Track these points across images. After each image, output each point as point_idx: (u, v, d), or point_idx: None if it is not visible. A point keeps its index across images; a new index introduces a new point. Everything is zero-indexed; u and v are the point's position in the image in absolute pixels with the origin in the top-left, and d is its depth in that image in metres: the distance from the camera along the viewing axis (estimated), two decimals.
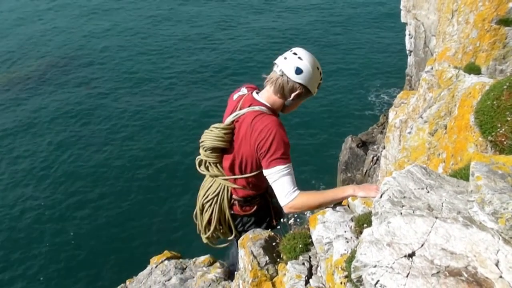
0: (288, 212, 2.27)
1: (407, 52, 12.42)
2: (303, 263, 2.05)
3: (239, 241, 2.43)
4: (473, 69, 3.62)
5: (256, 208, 2.66)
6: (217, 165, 2.58)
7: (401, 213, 1.38)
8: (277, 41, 20.72)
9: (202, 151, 2.57)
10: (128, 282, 3.71)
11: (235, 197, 2.64)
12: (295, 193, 2.19)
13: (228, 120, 2.46)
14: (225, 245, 2.92)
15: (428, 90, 4.08)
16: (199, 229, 2.81)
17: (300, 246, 2.11)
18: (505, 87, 2.40)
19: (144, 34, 22.64)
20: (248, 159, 2.41)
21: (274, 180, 2.23)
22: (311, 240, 2.10)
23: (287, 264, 2.09)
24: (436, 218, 1.33)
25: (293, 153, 2.31)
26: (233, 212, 2.69)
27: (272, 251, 2.27)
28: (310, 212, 2.21)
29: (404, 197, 1.48)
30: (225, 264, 3.47)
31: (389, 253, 1.25)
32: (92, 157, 14.37)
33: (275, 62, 2.38)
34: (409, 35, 11.82)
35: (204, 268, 3.47)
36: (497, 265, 1.16)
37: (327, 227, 1.97)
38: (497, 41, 3.91)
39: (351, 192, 2.12)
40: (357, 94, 17.13)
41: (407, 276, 1.17)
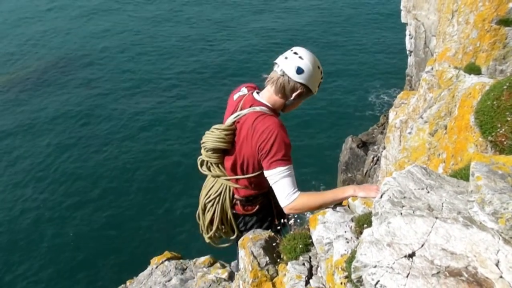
0: (288, 213, 2.27)
1: (407, 52, 12.41)
2: (303, 264, 2.05)
3: (239, 241, 2.42)
4: (473, 69, 3.62)
5: (258, 207, 2.66)
6: (219, 165, 2.58)
7: (401, 213, 1.38)
8: (277, 41, 20.72)
9: (203, 151, 2.57)
10: (128, 283, 3.71)
11: (237, 196, 2.64)
12: (295, 194, 2.19)
13: (229, 121, 2.45)
14: (227, 244, 2.91)
15: (428, 90, 4.09)
16: (202, 228, 2.81)
17: (300, 246, 2.11)
18: (505, 87, 2.40)
19: (144, 34, 22.64)
20: (249, 159, 2.41)
21: (275, 181, 2.23)
22: (311, 240, 2.10)
23: (287, 264, 2.09)
24: (436, 218, 1.33)
25: (293, 154, 2.30)
26: (235, 212, 2.69)
27: (272, 251, 2.27)
28: (310, 212, 2.20)
29: (404, 197, 1.48)
30: (227, 265, 3.47)
31: (389, 254, 1.25)
32: (92, 158, 14.37)
33: (275, 61, 2.37)
34: (409, 35, 11.82)
35: (205, 269, 3.47)
36: (497, 265, 1.16)
37: (327, 227, 1.97)
38: (497, 41, 3.91)
39: (352, 192, 2.11)
40: (357, 95, 17.13)
41: (407, 276, 1.17)
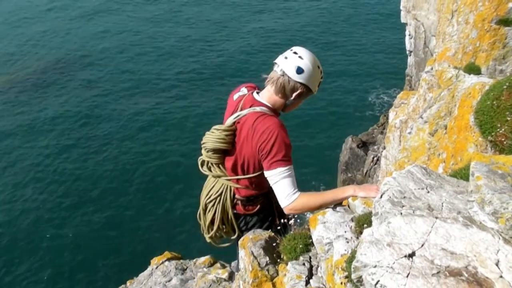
0: (288, 213, 2.27)
1: (407, 52, 12.41)
2: (304, 264, 2.05)
3: (240, 241, 2.42)
4: (473, 69, 3.63)
5: (259, 207, 2.66)
6: (220, 165, 2.58)
7: (401, 213, 1.38)
8: (276, 42, 20.71)
9: (204, 152, 2.56)
10: (128, 283, 3.71)
11: (238, 196, 2.63)
12: (295, 194, 2.19)
13: (229, 121, 2.45)
14: (228, 244, 2.91)
15: (428, 90, 4.09)
16: (203, 228, 2.81)
17: (301, 246, 2.11)
18: (505, 87, 2.40)
19: (143, 35, 22.64)
20: (250, 160, 2.41)
21: (275, 182, 2.23)
22: (311, 240, 2.10)
23: (287, 264, 2.09)
24: (436, 218, 1.33)
25: (293, 154, 2.30)
26: (236, 212, 2.69)
27: (272, 251, 2.27)
28: (311, 212, 2.21)
29: (404, 197, 1.48)
30: (227, 265, 3.47)
31: (389, 253, 1.25)
32: (91, 158, 14.37)
33: (275, 61, 2.37)
34: (409, 35, 11.81)
35: (205, 269, 3.47)
36: (497, 265, 1.16)
37: (327, 227, 1.97)
38: (497, 41, 3.92)
39: (352, 192, 2.11)
40: (357, 95, 17.13)
41: (407, 276, 1.17)
